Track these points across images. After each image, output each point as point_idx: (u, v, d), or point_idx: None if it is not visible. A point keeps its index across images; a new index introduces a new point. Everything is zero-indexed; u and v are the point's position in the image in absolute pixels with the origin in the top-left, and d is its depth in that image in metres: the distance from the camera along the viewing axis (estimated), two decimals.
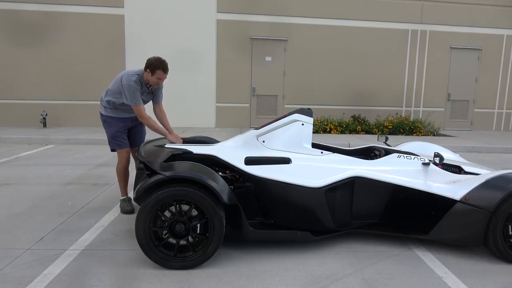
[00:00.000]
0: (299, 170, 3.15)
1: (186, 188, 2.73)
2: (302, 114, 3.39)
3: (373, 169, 3.30)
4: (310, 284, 2.67)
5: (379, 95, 11.41)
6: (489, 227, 2.97)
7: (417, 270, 2.91)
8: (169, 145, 3.45)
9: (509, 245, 3.02)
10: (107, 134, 4.02)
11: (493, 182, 3.03)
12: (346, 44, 11.02)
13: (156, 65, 3.69)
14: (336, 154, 3.37)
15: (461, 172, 3.64)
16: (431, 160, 3.39)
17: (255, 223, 3.21)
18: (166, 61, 3.77)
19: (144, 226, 2.74)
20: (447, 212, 3.05)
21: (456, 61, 11.66)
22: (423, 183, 3.21)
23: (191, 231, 2.80)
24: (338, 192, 3.20)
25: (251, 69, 10.82)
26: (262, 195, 3.14)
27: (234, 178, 3.31)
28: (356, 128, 10.34)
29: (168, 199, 2.74)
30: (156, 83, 3.79)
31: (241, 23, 10.55)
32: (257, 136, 3.37)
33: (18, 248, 3.10)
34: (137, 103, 3.77)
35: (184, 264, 2.80)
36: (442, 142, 9.26)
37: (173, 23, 10.26)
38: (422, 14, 11.24)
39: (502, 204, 2.93)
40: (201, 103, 10.73)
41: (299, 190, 3.06)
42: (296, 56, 10.90)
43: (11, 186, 4.89)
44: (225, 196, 2.75)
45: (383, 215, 3.36)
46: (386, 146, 4.05)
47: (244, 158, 3.21)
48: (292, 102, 11.09)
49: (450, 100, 11.86)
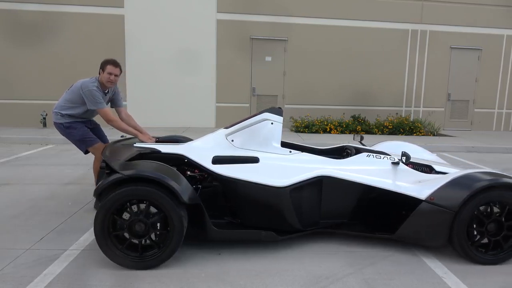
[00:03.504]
0: (265, 170, 3.12)
1: (143, 188, 2.70)
2: (272, 113, 3.35)
3: (341, 168, 3.26)
4: (310, 284, 2.67)
5: (379, 95, 11.41)
6: (453, 227, 2.94)
7: (417, 270, 2.91)
8: (137, 144, 3.41)
9: (473, 245, 3.00)
10: (73, 138, 4.03)
11: (458, 181, 3.00)
12: (346, 44, 11.01)
13: (105, 62, 3.89)
14: (305, 154, 3.34)
15: (431, 172, 3.61)
16: (400, 159, 3.35)
17: (223, 222, 3.19)
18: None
19: (102, 229, 2.70)
20: (413, 211, 3.03)
21: (456, 61, 11.65)
22: (391, 183, 3.18)
23: (151, 229, 2.77)
24: (304, 191, 3.17)
25: (251, 69, 10.81)
26: (229, 194, 3.12)
27: (203, 178, 3.29)
28: (356, 128, 10.34)
29: (126, 198, 2.71)
30: (107, 79, 3.88)
31: (241, 23, 10.55)
32: (226, 135, 3.34)
33: (18, 248, 3.10)
34: (102, 106, 3.86)
35: (146, 263, 2.77)
36: (443, 142, 9.27)
37: (173, 23, 10.25)
38: (422, 14, 11.24)
39: (467, 204, 2.90)
40: (201, 103, 10.73)
41: (264, 190, 3.04)
42: (296, 56, 10.90)
43: (11, 186, 4.88)
44: (185, 196, 2.72)
45: (352, 214, 3.32)
46: (360, 146, 4.00)
47: (212, 157, 3.18)
48: (292, 102, 11.09)
49: (450, 100, 11.85)
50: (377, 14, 11.00)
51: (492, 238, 3.00)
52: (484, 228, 2.99)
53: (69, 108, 3.95)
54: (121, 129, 3.85)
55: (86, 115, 4.03)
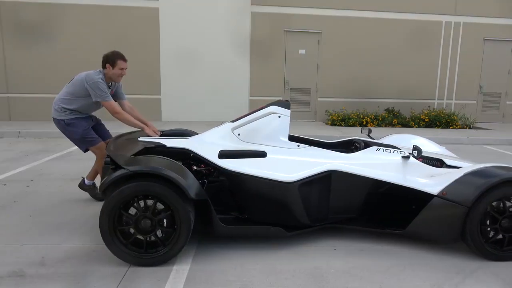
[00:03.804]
0: (273, 164, 3.04)
1: (149, 183, 2.64)
2: (279, 106, 3.25)
3: (351, 162, 3.16)
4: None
5: (412, 88, 11.32)
6: (466, 222, 2.86)
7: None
8: (142, 138, 3.33)
9: (486, 241, 2.92)
10: (73, 137, 3.89)
11: (471, 176, 2.91)
12: (379, 36, 10.90)
13: (115, 57, 3.74)
14: (313, 148, 3.25)
15: (442, 166, 3.51)
16: (411, 153, 3.24)
17: (230, 218, 3.12)
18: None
19: (108, 225, 2.65)
20: (424, 206, 2.95)
21: (489, 53, 11.53)
22: (401, 177, 3.09)
23: (157, 226, 2.73)
24: (313, 186, 3.08)
25: (284, 62, 10.73)
26: (235, 189, 3.05)
27: (209, 172, 3.21)
28: (392, 121, 10.27)
29: (132, 195, 2.66)
30: (119, 74, 3.79)
31: (275, 16, 10.45)
32: (232, 129, 3.25)
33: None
34: (109, 98, 3.73)
35: (154, 260, 2.72)
36: (484, 135, 9.19)
37: (208, 16, 10.15)
38: (456, 6, 11.10)
39: (480, 199, 2.82)
40: (235, 96, 10.66)
41: (272, 185, 2.96)
42: (329, 48, 10.81)
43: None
44: (192, 191, 2.66)
45: (362, 210, 3.24)
46: (369, 139, 3.89)
47: (218, 151, 3.10)
48: (325, 95, 11.02)
49: (482, 93, 11.76)
50: (411, 6, 10.88)
51: (506, 234, 2.91)
52: (498, 224, 2.89)
53: (70, 102, 3.79)
54: (127, 121, 3.73)
55: (87, 109, 3.88)
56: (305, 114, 11.12)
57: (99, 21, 9.84)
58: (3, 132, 8.22)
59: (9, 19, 9.60)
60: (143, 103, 10.24)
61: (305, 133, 8.59)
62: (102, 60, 3.77)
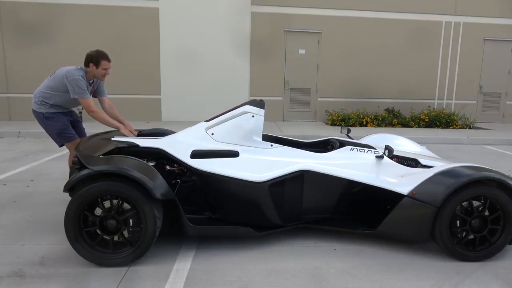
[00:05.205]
0: (244, 164, 3.03)
1: (114, 183, 2.63)
2: (253, 105, 3.24)
3: (323, 162, 3.15)
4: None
5: (412, 88, 11.32)
6: (436, 222, 2.85)
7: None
8: (116, 138, 3.29)
9: (459, 242, 2.91)
10: (50, 130, 3.86)
11: (441, 176, 2.89)
12: (379, 36, 10.90)
13: (99, 57, 3.72)
14: (286, 147, 3.24)
15: (417, 166, 3.49)
16: (384, 153, 3.24)
17: (203, 218, 3.12)
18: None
19: (73, 225, 2.63)
20: (394, 207, 2.94)
21: (489, 53, 11.53)
22: (373, 177, 3.08)
23: (123, 226, 2.72)
24: (285, 186, 3.07)
25: (284, 62, 10.73)
26: (207, 189, 3.05)
27: (182, 172, 3.20)
28: (392, 122, 10.27)
29: (96, 194, 2.64)
30: (103, 74, 3.79)
31: (275, 16, 10.45)
32: (206, 129, 3.24)
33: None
34: (86, 96, 3.71)
35: (120, 260, 2.71)
36: (484, 135, 9.19)
37: (208, 16, 10.15)
38: (456, 6, 11.10)
39: (449, 199, 2.80)
40: (235, 96, 10.64)
41: (243, 185, 2.95)
42: (330, 48, 10.81)
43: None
44: (157, 191, 2.64)
45: (335, 209, 3.23)
46: (347, 139, 3.87)
47: (191, 151, 3.08)
48: (325, 95, 11.02)
49: (482, 93, 11.76)
50: (411, 6, 10.88)
51: (477, 234, 2.91)
52: (468, 224, 2.90)
53: (50, 96, 3.78)
54: (103, 120, 3.70)
55: (67, 104, 3.85)
56: (305, 114, 11.12)
57: (99, 21, 9.85)
58: (3, 132, 8.23)
59: (9, 19, 9.61)
60: (143, 103, 10.26)
61: (305, 133, 8.60)
62: (86, 59, 3.75)
